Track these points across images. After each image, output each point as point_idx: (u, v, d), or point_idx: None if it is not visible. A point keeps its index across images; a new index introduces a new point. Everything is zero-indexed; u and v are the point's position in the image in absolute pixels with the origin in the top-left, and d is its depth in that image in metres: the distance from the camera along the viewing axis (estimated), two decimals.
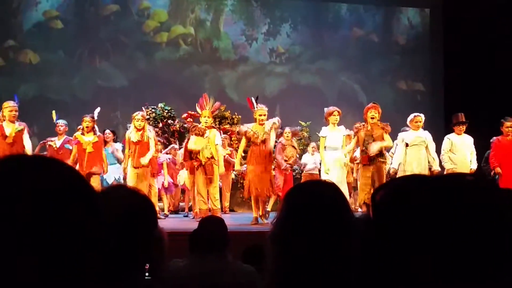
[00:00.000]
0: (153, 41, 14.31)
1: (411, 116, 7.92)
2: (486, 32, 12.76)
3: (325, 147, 7.85)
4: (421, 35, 15.80)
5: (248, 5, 15.02)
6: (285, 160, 8.82)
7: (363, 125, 7.64)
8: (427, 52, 15.54)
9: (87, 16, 13.96)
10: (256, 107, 7.79)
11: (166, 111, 11.93)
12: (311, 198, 1.33)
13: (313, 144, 9.95)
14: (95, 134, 8.14)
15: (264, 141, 7.61)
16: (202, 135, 7.77)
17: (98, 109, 8.41)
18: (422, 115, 7.88)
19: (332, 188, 1.38)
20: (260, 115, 7.70)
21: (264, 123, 7.71)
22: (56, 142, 8.74)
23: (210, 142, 7.75)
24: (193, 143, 7.76)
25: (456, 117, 8.15)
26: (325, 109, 8.06)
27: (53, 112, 8.92)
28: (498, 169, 7.97)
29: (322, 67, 15.10)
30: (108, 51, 13.95)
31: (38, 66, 13.39)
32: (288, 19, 15.14)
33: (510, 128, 8.03)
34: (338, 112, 7.84)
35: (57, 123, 8.79)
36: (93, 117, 8.16)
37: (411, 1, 15.71)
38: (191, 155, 7.98)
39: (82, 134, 8.14)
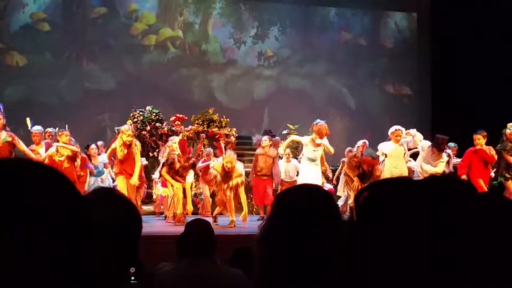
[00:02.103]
0: (141, 44, 14.28)
1: (393, 128, 8.20)
2: (473, 36, 12.88)
3: (302, 157, 8.25)
4: (409, 39, 15.94)
5: (237, 8, 15.05)
6: (258, 171, 8.75)
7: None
8: (414, 55, 15.67)
9: (75, 19, 13.89)
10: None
11: (154, 114, 11.87)
12: (300, 202, 1.33)
13: (287, 150, 9.60)
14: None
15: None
16: None
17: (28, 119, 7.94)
18: (403, 129, 8.18)
19: (321, 192, 1.38)
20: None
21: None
22: (40, 151, 8.01)
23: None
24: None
25: (437, 142, 8.05)
26: (318, 121, 8.04)
27: (28, 119, 8.44)
28: (464, 177, 8.10)
29: (310, 70, 15.15)
30: (96, 54, 13.89)
31: (25, 68, 13.29)
32: (276, 22, 15.18)
33: (478, 141, 8.21)
34: (327, 133, 8.02)
35: (32, 131, 8.16)
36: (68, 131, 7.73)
37: (399, 6, 15.83)
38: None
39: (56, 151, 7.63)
